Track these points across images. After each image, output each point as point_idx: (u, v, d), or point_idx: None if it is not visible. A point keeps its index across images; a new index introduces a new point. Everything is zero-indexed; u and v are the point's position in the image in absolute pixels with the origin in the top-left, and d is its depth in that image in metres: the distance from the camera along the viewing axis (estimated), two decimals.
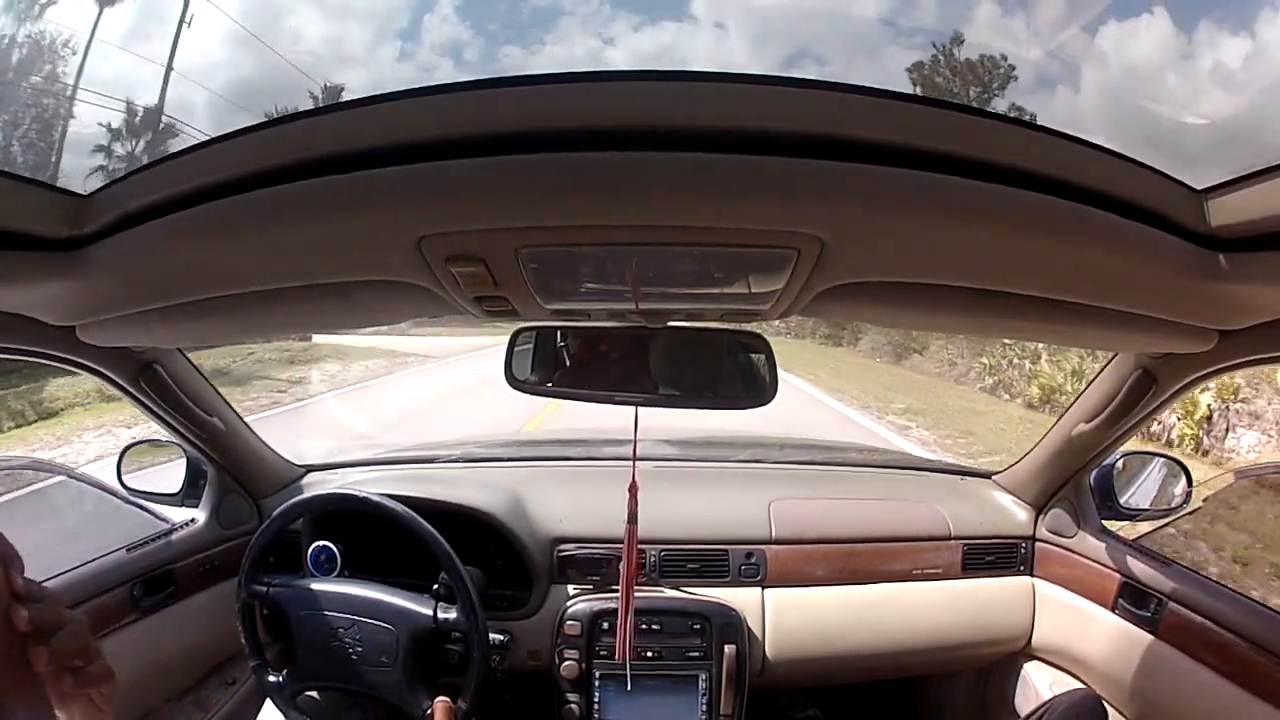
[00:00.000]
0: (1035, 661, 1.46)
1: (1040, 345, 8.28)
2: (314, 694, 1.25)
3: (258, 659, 1.22)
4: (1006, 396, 9.40)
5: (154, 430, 1.37)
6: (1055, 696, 1.25)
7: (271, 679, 1.21)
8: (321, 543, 1.25)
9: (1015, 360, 9.53)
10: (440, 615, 1.15)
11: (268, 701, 1.27)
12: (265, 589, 1.21)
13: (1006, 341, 8.67)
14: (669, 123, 0.53)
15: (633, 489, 1.04)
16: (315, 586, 1.21)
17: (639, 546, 1.33)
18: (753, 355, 0.98)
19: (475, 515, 1.33)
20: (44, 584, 0.46)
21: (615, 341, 1.00)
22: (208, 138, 0.62)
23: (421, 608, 1.16)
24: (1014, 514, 1.48)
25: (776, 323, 0.96)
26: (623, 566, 1.10)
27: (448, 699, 1.13)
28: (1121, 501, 1.35)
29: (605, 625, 1.31)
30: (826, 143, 0.54)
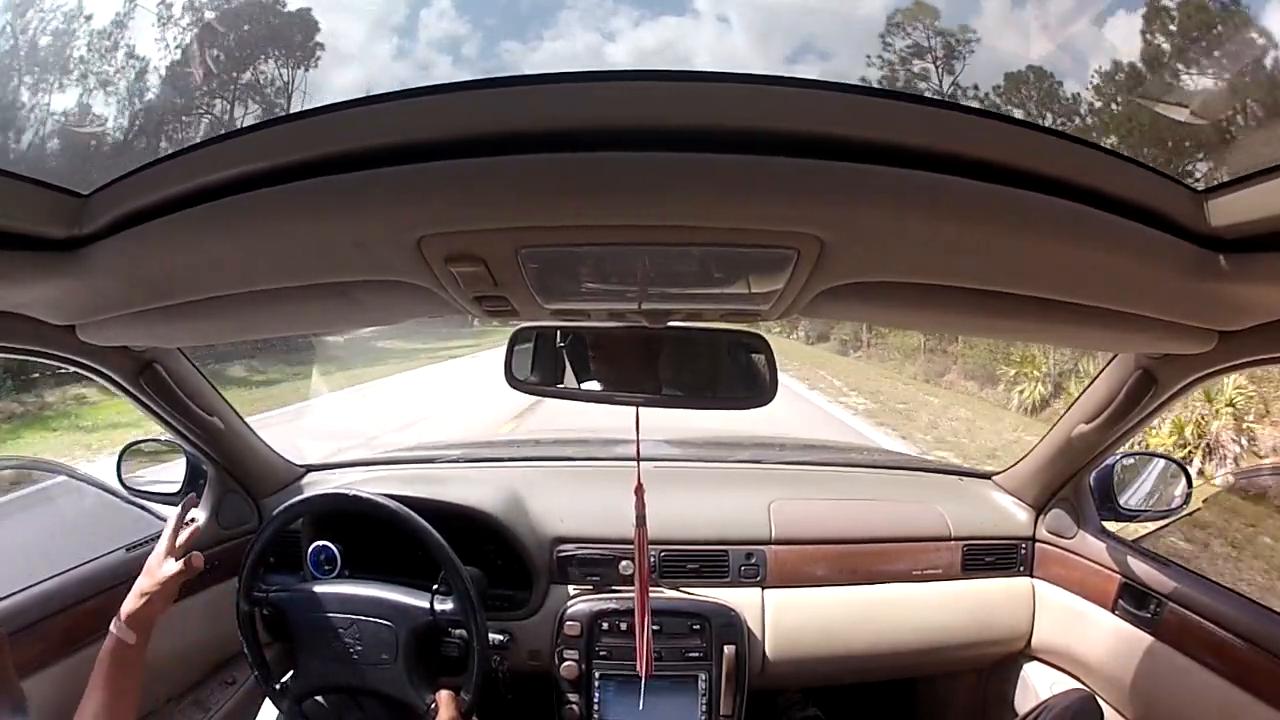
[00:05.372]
0: (1035, 662, 1.46)
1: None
2: (318, 697, 1.25)
3: (260, 667, 1.22)
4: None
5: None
6: (1051, 697, 1.25)
7: (275, 686, 1.21)
8: (321, 543, 1.25)
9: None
10: (437, 607, 1.15)
11: (267, 701, 1.27)
12: (265, 594, 1.21)
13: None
14: (668, 123, 0.53)
15: (639, 490, 1.04)
16: (314, 588, 1.21)
17: None
18: (753, 355, 0.98)
19: (475, 515, 1.33)
20: (44, 583, 0.46)
21: (615, 341, 1.00)
22: (207, 137, 0.62)
23: (418, 601, 1.16)
24: (1014, 514, 1.48)
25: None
26: (636, 571, 1.09)
27: (450, 691, 1.14)
28: (1121, 502, 1.35)
29: (605, 625, 1.31)
30: (826, 143, 0.54)
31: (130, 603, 1.01)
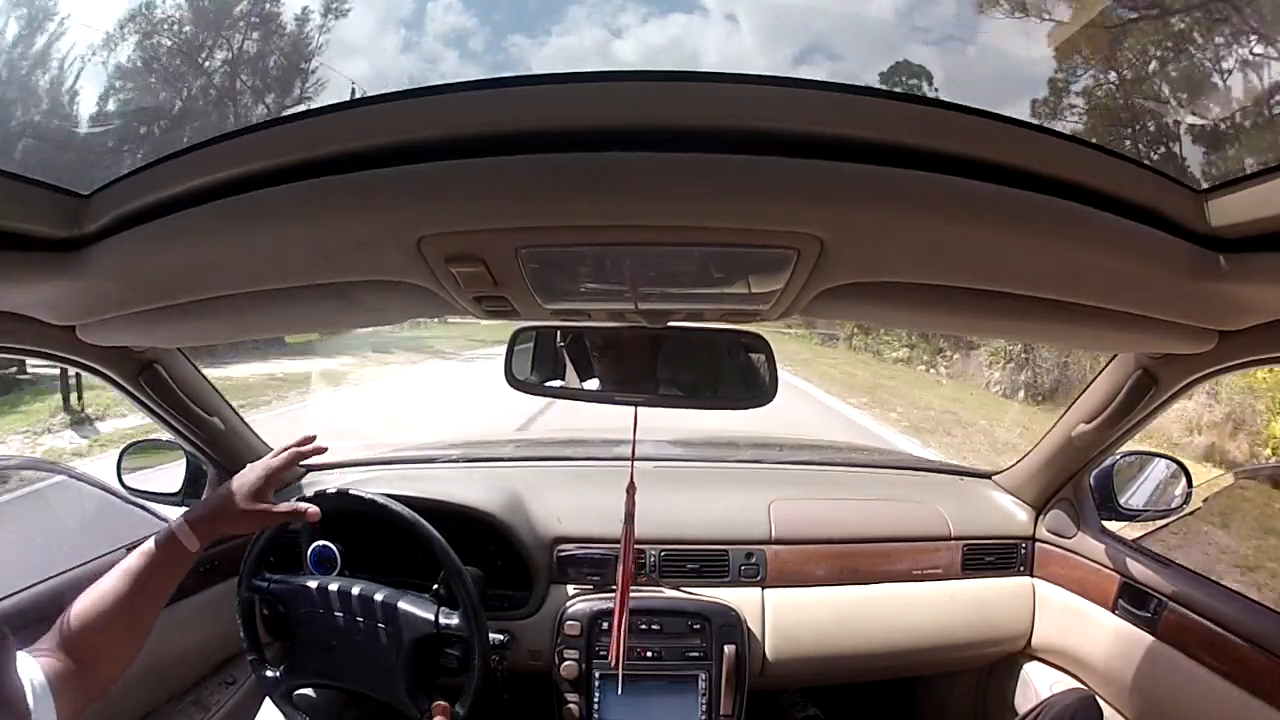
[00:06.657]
0: (1035, 662, 1.46)
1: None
2: (310, 692, 1.25)
3: (256, 654, 1.22)
4: None
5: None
6: (1051, 696, 1.25)
7: (269, 674, 1.21)
8: (321, 542, 1.25)
9: None
10: (442, 620, 1.14)
11: (267, 701, 1.27)
12: (266, 584, 1.21)
13: None
14: (668, 123, 0.53)
15: (630, 489, 1.04)
16: (316, 585, 1.21)
17: (639, 546, 1.33)
18: (752, 355, 0.98)
19: (475, 515, 1.33)
20: (46, 582, 0.46)
21: (615, 341, 1.00)
22: (207, 138, 0.62)
23: (423, 611, 1.15)
24: (1014, 514, 1.49)
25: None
26: (619, 566, 1.10)
27: (446, 704, 1.13)
28: (1121, 502, 1.35)
29: (605, 625, 1.31)
30: (826, 143, 0.54)
31: (205, 509, 0.88)
